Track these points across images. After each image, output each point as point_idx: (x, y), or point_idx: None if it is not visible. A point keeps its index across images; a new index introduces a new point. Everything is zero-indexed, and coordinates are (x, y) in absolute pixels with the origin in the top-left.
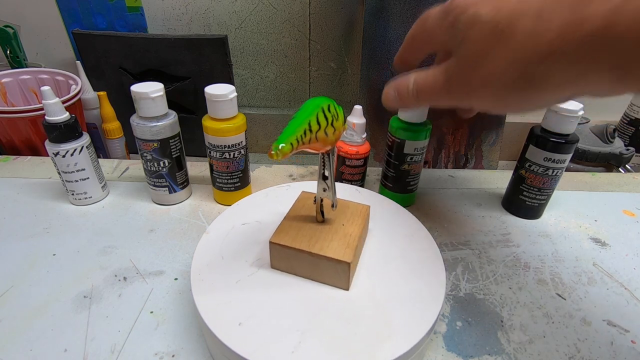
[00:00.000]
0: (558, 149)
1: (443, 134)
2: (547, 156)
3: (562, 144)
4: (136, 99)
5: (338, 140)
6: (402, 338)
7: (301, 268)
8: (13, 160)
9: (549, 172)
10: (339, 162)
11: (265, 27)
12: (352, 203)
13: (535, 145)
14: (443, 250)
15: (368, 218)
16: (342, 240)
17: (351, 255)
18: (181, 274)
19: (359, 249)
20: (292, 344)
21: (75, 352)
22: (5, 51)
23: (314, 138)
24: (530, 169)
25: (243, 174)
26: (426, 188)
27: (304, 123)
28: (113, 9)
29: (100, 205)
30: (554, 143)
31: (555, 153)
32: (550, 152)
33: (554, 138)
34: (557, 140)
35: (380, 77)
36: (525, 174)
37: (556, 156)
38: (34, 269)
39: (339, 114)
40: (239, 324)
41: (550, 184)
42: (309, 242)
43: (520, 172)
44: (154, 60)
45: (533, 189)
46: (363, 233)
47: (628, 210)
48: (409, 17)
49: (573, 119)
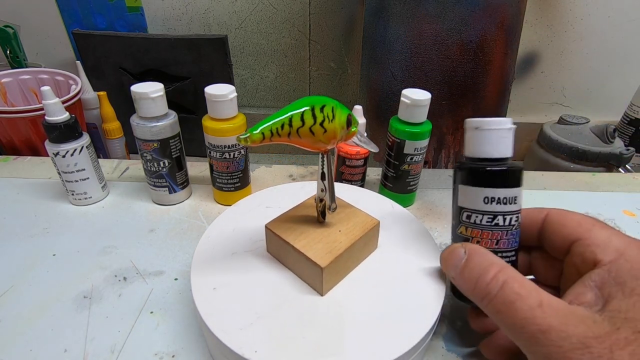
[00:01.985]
0: (503, 182)
1: (443, 134)
2: (488, 195)
3: (510, 172)
4: (136, 99)
5: (336, 142)
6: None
7: (288, 260)
8: (13, 160)
9: (499, 220)
10: (339, 162)
11: (265, 27)
12: (362, 213)
13: (465, 183)
14: (443, 250)
15: (374, 233)
16: (329, 245)
17: (328, 262)
18: (181, 274)
19: (348, 260)
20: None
21: (75, 352)
22: (5, 51)
23: (295, 134)
24: (470, 223)
25: (243, 174)
26: (426, 188)
27: (284, 117)
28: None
29: (100, 205)
30: (494, 174)
31: (499, 188)
32: (491, 187)
33: (495, 167)
34: (501, 169)
35: (380, 77)
36: (467, 232)
37: (501, 192)
38: (34, 269)
39: (335, 116)
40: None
41: (508, 241)
42: (297, 237)
43: (458, 231)
44: (154, 60)
45: None
46: (359, 245)
47: (628, 210)
48: (409, 17)
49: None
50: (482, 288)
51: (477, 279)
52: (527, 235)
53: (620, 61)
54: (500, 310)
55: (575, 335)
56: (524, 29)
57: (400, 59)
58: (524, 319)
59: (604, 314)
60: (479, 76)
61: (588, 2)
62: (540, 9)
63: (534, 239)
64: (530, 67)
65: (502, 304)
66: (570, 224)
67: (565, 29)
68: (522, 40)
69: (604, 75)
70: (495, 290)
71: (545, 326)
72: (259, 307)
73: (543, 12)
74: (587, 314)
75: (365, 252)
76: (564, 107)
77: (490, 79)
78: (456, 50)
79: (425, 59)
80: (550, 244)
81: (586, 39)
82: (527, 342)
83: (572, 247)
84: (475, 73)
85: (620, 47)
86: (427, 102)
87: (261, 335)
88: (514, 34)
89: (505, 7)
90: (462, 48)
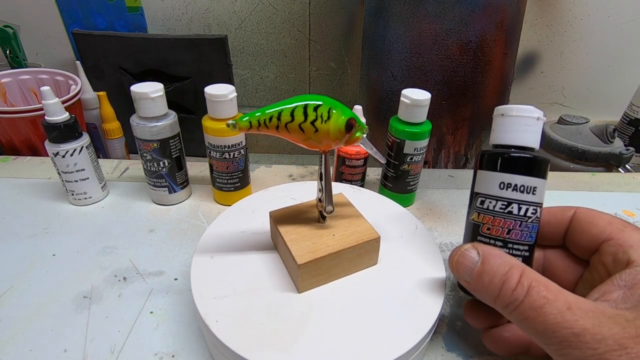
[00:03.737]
0: (521, 169)
1: (443, 134)
2: (505, 180)
3: (528, 159)
4: (136, 99)
5: (333, 144)
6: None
7: (280, 251)
8: (13, 160)
9: (513, 208)
10: (339, 162)
11: (265, 27)
12: (366, 225)
13: (484, 168)
14: (443, 250)
15: (370, 246)
16: (316, 245)
17: (306, 260)
18: (181, 274)
19: (333, 266)
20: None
21: (75, 352)
22: (5, 51)
23: (283, 128)
24: (483, 209)
25: (243, 174)
26: (426, 188)
27: (274, 110)
28: (113, 9)
29: (100, 205)
30: (513, 159)
31: (516, 175)
32: (507, 173)
33: (514, 153)
34: (520, 154)
35: (380, 77)
36: (479, 219)
37: (518, 179)
38: (34, 269)
39: (331, 117)
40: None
41: (522, 233)
42: (290, 230)
43: (471, 217)
44: (154, 60)
45: (496, 241)
46: (348, 254)
47: (628, 210)
48: (409, 17)
49: (529, 121)
50: (508, 295)
51: (500, 286)
52: (552, 233)
53: (620, 61)
54: (529, 316)
55: (610, 337)
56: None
57: (400, 59)
58: (555, 323)
59: (635, 312)
60: (478, 76)
61: (588, 2)
62: (540, 9)
63: (559, 238)
64: (530, 67)
65: (530, 310)
66: (601, 222)
67: (565, 29)
68: (521, 40)
69: (604, 75)
70: (522, 297)
71: (579, 329)
72: (239, 285)
73: (543, 12)
74: (617, 312)
75: (359, 264)
76: (564, 107)
77: (490, 79)
78: (456, 50)
79: (425, 59)
80: (576, 242)
81: (586, 39)
82: (559, 347)
83: (602, 246)
84: (475, 73)
85: (620, 47)
86: (427, 102)
87: (228, 309)
88: (514, 34)
89: (505, 7)
90: (461, 48)
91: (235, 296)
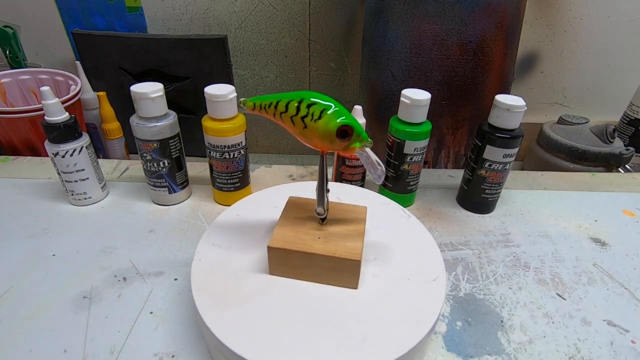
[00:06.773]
0: (514, 144)
1: (443, 134)
2: (507, 152)
3: (517, 138)
4: (136, 99)
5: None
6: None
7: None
8: (13, 160)
9: (507, 166)
10: (339, 162)
11: (265, 27)
12: (356, 245)
13: (494, 145)
14: (443, 250)
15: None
16: (295, 239)
17: (276, 246)
18: (181, 274)
19: (303, 265)
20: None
21: (74, 352)
22: (4, 51)
23: (279, 116)
24: (491, 168)
25: (243, 174)
26: (426, 188)
27: (275, 98)
28: (113, 9)
29: (99, 205)
30: (509, 139)
31: (512, 149)
32: (508, 148)
33: (503, 134)
34: (511, 135)
35: (380, 77)
36: (486, 174)
37: (512, 151)
38: (34, 269)
39: (322, 118)
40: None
41: (505, 177)
42: (288, 217)
43: (479, 172)
44: (153, 60)
45: (494, 185)
46: (320, 261)
47: (628, 210)
48: (409, 17)
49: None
50: None
51: None
52: None
53: (620, 61)
54: None
55: None
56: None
57: (400, 59)
58: None
59: None
60: (478, 76)
61: (588, 2)
62: (540, 9)
63: None
64: (530, 67)
65: None
66: None
67: (565, 29)
68: (521, 40)
69: (604, 75)
70: None
71: None
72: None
73: (542, 12)
74: None
75: (335, 279)
76: (564, 107)
77: (490, 79)
78: (456, 50)
79: (425, 59)
80: None
81: (586, 39)
82: None
83: None
84: (475, 73)
85: (620, 47)
86: (427, 102)
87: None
88: (514, 34)
89: (504, 7)
90: (461, 48)
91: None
